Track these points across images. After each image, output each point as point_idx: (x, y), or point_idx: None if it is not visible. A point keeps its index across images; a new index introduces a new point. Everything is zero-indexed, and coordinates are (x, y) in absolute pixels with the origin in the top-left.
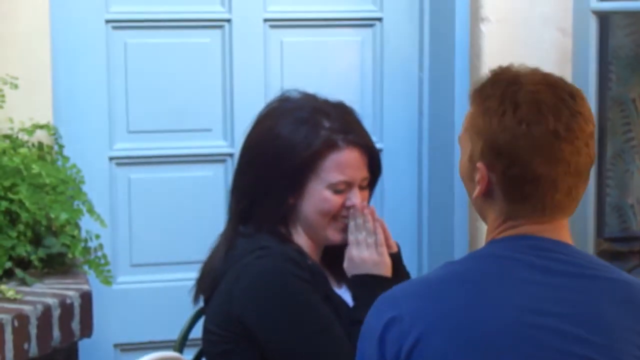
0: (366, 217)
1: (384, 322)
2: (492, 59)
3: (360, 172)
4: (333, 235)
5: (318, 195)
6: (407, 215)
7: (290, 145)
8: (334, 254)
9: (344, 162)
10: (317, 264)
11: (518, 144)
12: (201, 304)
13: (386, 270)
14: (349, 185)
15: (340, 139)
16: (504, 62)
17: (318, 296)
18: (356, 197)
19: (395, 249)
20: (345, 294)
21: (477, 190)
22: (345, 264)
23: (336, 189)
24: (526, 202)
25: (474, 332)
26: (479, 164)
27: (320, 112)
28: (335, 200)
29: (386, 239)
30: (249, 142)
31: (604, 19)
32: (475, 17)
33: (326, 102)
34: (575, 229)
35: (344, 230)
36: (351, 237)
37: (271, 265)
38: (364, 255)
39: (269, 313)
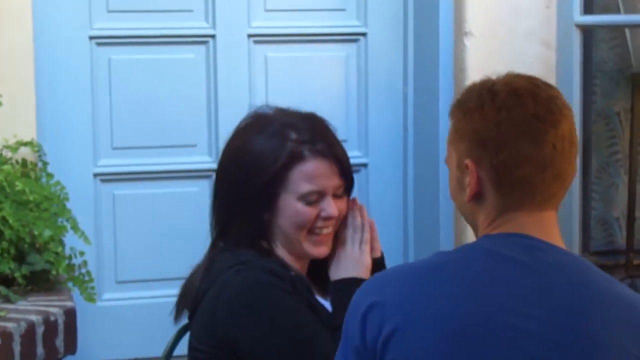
0: (354, 213)
1: (367, 304)
2: (476, 73)
3: (331, 181)
4: (310, 248)
5: (291, 209)
6: (392, 229)
7: (259, 161)
8: (319, 266)
9: (312, 172)
10: (301, 275)
11: (501, 129)
12: (185, 320)
13: (364, 271)
14: (320, 195)
15: (307, 149)
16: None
17: (302, 305)
18: (330, 207)
19: (378, 254)
20: (330, 305)
21: (468, 191)
22: (331, 271)
23: (308, 200)
24: (516, 191)
25: (452, 325)
26: (467, 161)
27: (288, 125)
28: (309, 211)
29: (372, 240)
30: (221, 161)
31: (588, 32)
32: (459, 32)
33: (296, 115)
34: None
35: (322, 243)
36: (340, 237)
37: (251, 279)
38: (347, 251)
39: (251, 327)
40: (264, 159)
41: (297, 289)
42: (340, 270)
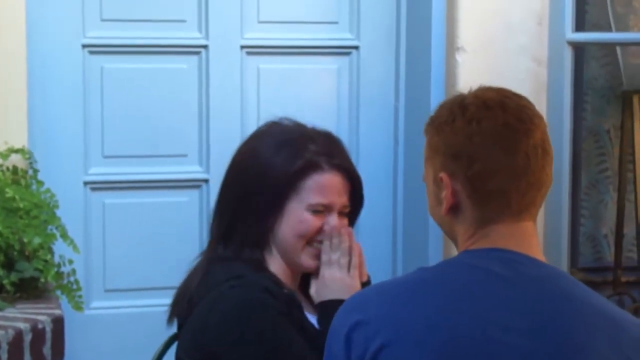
0: (342, 237)
1: (350, 323)
2: (467, 88)
3: (341, 198)
4: (306, 261)
5: (296, 216)
6: (381, 243)
7: (273, 164)
8: (308, 281)
9: (326, 184)
10: (293, 293)
11: (472, 141)
12: (174, 329)
13: None
14: (328, 208)
15: (324, 161)
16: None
17: (292, 328)
18: (334, 222)
19: (365, 279)
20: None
21: (445, 204)
22: (313, 288)
23: (315, 210)
24: (492, 202)
25: (439, 342)
26: (442, 174)
27: (306, 136)
28: (313, 221)
29: (359, 265)
30: (233, 161)
31: (579, 50)
32: (451, 47)
33: (313, 130)
34: (549, 258)
35: (318, 256)
36: (324, 257)
37: (245, 296)
38: (335, 275)
39: (242, 347)
40: (279, 162)
41: (290, 307)
42: (329, 292)
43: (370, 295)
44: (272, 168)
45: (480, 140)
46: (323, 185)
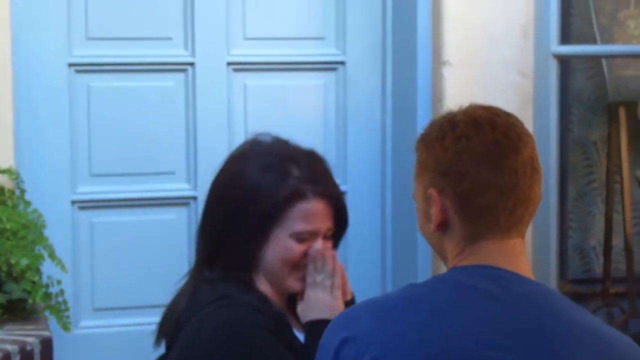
0: (326, 259)
1: (339, 340)
2: (453, 102)
3: (325, 224)
4: (293, 283)
5: (281, 243)
6: (370, 257)
7: (258, 191)
8: (295, 299)
9: (310, 212)
10: (282, 311)
11: (462, 158)
12: (162, 349)
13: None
14: (313, 235)
15: (309, 189)
16: (465, 105)
17: (281, 347)
18: (319, 246)
19: (349, 297)
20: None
21: (434, 221)
22: (299, 308)
23: (300, 238)
24: (480, 218)
25: (427, 357)
26: (431, 191)
27: (290, 159)
28: (298, 249)
29: (342, 284)
30: (216, 185)
31: (565, 62)
32: (437, 61)
33: (297, 149)
34: (537, 270)
35: (304, 279)
36: (309, 279)
37: (233, 316)
38: (319, 296)
39: None
40: (264, 190)
41: (279, 326)
42: (314, 313)
43: (359, 311)
44: (257, 196)
45: (469, 157)
46: (308, 214)
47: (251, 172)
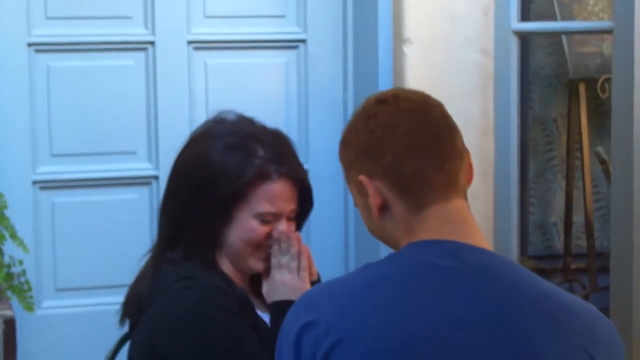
0: (291, 241)
1: (299, 325)
2: (415, 80)
3: (289, 204)
4: (254, 264)
5: (244, 224)
6: (333, 236)
7: (223, 172)
8: (257, 278)
9: (275, 193)
10: (245, 292)
11: (376, 134)
12: (126, 328)
13: None
14: (276, 216)
15: (273, 170)
16: (427, 83)
17: (245, 328)
18: (283, 227)
19: (315, 277)
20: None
21: (373, 205)
22: (264, 288)
23: (263, 219)
24: (415, 186)
25: (391, 342)
26: (361, 177)
27: (254, 139)
28: (261, 230)
29: (309, 266)
30: (179, 164)
31: (525, 39)
32: (397, 39)
33: (262, 128)
34: (498, 246)
35: (267, 259)
36: (274, 260)
37: (197, 297)
38: (285, 278)
39: (195, 348)
40: (228, 171)
41: (242, 306)
42: (280, 294)
43: (319, 295)
44: (221, 175)
45: (382, 131)
46: (272, 195)
47: (215, 152)
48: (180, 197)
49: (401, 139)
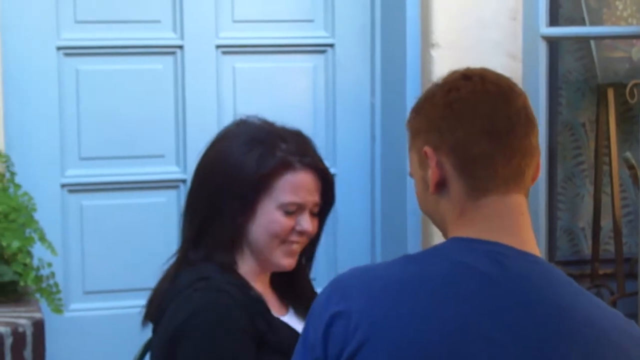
0: None
1: (330, 314)
2: None
3: (313, 197)
4: (280, 259)
5: (268, 216)
6: (360, 239)
7: (244, 164)
8: (282, 277)
9: (298, 183)
10: (259, 295)
11: (452, 109)
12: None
13: None
14: (300, 207)
15: (296, 161)
16: None
17: (245, 341)
18: (306, 222)
19: None
20: (290, 319)
21: (431, 180)
22: None
23: (287, 210)
24: (478, 169)
25: (420, 346)
26: (425, 148)
27: (276, 135)
28: (285, 222)
29: None
30: (202, 163)
31: (554, 44)
32: (426, 43)
33: (283, 129)
34: None
35: (292, 254)
36: None
37: (202, 301)
38: None
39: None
40: (250, 162)
41: (255, 309)
42: None
43: (353, 283)
44: (244, 168)
45: (461, 107)
46: (295, 185)
47: (237, 147)
48: (203, 195)
49: (477, 120)
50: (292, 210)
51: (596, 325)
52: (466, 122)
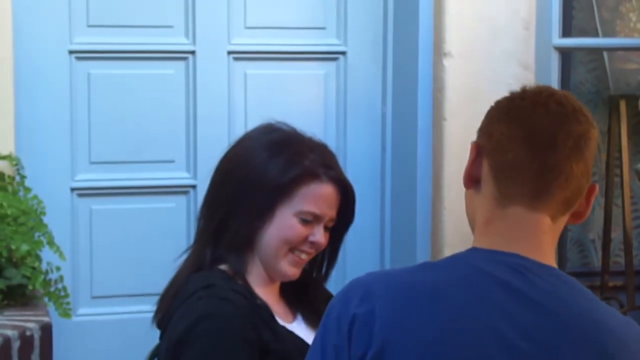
0: None
1: (353, 315)
2: (454, 94)
3: (331, 211)
4: (285, 267)
5: (285, 222)
6: (369, 249)
7: (271, 166)
8: (291, 284)
9: (321, 195)
10: (265, 303)
11: (499, 113)
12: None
13: None
14: (317, 219)
15: (322, 172)
16: (467, 97)
17: (244, 346)
18: (320, 235)
19: None
20: (297, 327)
21: (464, 174)
22: None
23: (304, 219)
24: (507, 176)
25: (441, 348)
26: (472, 142)
27: (305, 144)
28: (300, 230)
29: None
30: (225, 162)
31: (566, 55)
32: (438, 52)
33: (311, 139)
34: None
35: (298, 264)
36: None
37: (203, 310)
38: None
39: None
40: (277, 167)
41: (259, 317)
42: None
43: (376, 286)
44: (268, 172)
45: (515, 114)
46: (318, 195)
47: (265, 150)
48: (224, 195)
49: (523, 129)
50: (309, 220)
51: (615, 335)
52: (512, 128)
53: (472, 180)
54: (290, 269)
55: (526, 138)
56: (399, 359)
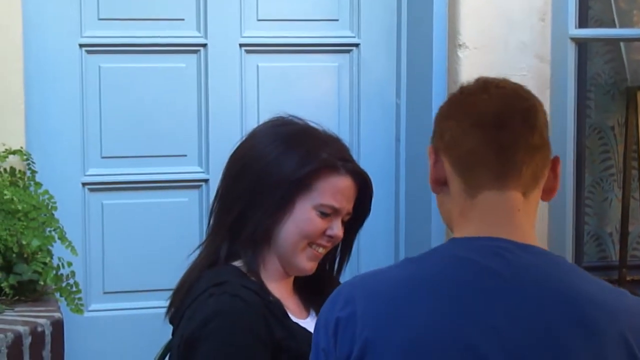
0: None
1: (336, 319)
2: None
3: (349, 204)
4: (302, 262)
5: (303, 215)
6: (383, 242)
7: (288, 159)
8: (305, 279)
9: (340, 188)
10: (278, 300)
11: (450, 108)
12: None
13: None
14: (335, 212)
15: (341, 165)
16: None
17: (255, 345)
18: (338, 228)
19: None
20: (311, 323)
21: (430, 180)
22: None
23: (323, 212)
24: (470, 164)
25: (426, 342)
26: (428, 147)
27: (319, 136)
28: (320, 223)
29: None
30: (242, 151)
31: (583, 46)
32: (452, 44)
33: (325, 132)
34: None
35: (315, 258)
36: None
37: (215, 307)
38: None
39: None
40: (293, 160)
41: (271, 314)
42: None
43: (357, 288)
44: (287, 164)
45: (457, 107)
46: (337, 188)
47: (284, 142)
48: (241, 188)
49: (468, 117)
50: (328, 213)
51: (607, 309)
52: (460, 120)
53: (439, 183)
54: (307, 264)
55: (476, 125)
56: (383, 358)
